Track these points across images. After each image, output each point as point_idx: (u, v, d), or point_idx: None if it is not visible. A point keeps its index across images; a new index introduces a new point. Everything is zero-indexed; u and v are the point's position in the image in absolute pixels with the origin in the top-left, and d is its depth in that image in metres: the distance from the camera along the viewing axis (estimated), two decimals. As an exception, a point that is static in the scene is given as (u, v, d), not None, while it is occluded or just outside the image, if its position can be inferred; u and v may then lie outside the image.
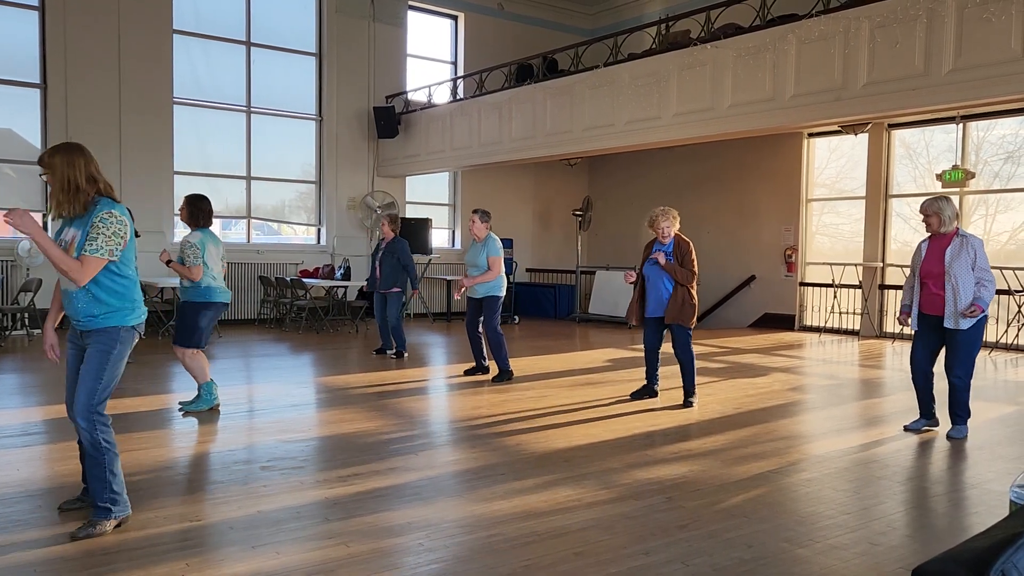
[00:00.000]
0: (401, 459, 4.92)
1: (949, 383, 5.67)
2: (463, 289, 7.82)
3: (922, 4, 7.43)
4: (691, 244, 6.84)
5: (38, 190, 11.61)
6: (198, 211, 6.10)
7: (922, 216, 5.71)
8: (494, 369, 7.95)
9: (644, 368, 7.11)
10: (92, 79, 11.63)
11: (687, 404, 6.68)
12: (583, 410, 6.49)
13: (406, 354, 9.40)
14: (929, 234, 5.74)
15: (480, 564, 3.33)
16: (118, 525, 3.62)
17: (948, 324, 5.50)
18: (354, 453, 5.02)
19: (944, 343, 5.66)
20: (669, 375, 7.25)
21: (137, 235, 3.79)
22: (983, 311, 5.47)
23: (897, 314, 6.05)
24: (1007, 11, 6.91)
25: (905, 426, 5.94)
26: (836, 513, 4.05)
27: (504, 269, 7.88)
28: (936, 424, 5.90)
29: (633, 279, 6.84)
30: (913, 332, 5.88)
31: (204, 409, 6.16)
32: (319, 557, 3.36)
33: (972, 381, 5.73)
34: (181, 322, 6.16)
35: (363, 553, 3.41)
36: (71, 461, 4.65)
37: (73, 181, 3.48)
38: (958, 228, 5.67)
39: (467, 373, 8.13)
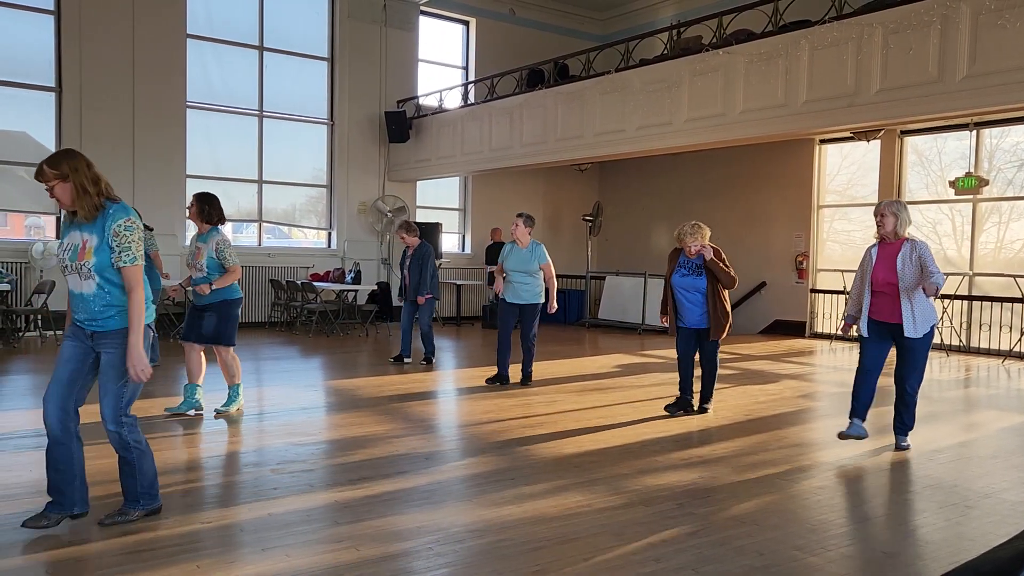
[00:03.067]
0: (410, 463, 4.92)
1: (901, 392, 5.52)
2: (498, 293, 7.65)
3: (936, 10, 7.40)
4: (720, 250, 6.53)
5: (52, 193, 11.69)
6: (213, 209, 6.04)
7: (876, 217, 5.49)
8: (515, 375, 7.86)
9: (656, 374, 7.08)
10: (106, 83, 11.71)
11: (703, 410, 6.63)
12: (593, 415, 6.47)
13: (434, 360, 9.22)
14: (877, 240, 5.55)
15: (490, 569, 3.32)
16: (147, 514, 3.73)
17: (908, 333, 5.37)
18: (364, 457, 5.02)
19: (894, 350, 5.54)
20: (661, 381, 7.21)
21: (149, 228, 3.85)
22: (938, 289, 5.28)
23: (840, 325, 5.84)
24: (1022, 17, 6.87)
25: (842, 433, 5.56)
26: (848, 521, 4.02)
27: None
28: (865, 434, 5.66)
29: None
30: (861, 339, 5.65)
31: (235, 408, 6.20)
32: (329, 560, 3.36)
33: (986, 389, 5.67)
34: (224, 323, 6.04)
35: (373, 557, 3.41)
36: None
37: (82, 186, 3.54)
38: (907, 235, 5.50)
39: (490, 382, 7.83)
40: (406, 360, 9.18)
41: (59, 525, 3.63)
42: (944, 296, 11.22)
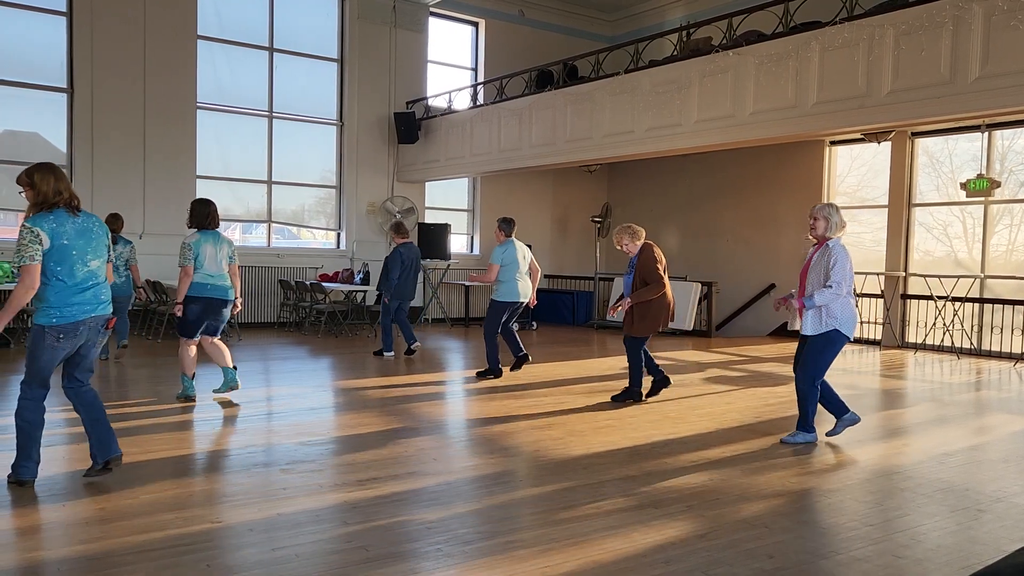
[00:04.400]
0: (419, 464, 4.92)
1: (796, 384, 5.68)
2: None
3: (948, 12, 7.36)
4: (652, 251, 7.07)
5: (63, 193, 11.74)
6: (196, 215, 6.63)
7: (809, 220, 5.62)
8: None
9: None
10: (118, 84, 11.77)
11: (636, 400, 7.08)
12: (601, 417, 6.46)
13: (386, 355, 9.72)
14: (816, 242, 5.65)
15: (498, 571, 3.32)
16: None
17: (803, 329, 5.54)
18: (373, 457, 5.03)
19: None
20: (678, 384, 7.19)
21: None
22: (804, 308, 5.43)
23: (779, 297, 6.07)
24: (1035, 18, 6.82)
25: (827, 432, 5.72)
26: (858, 524, 4.00)
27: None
28: (856, 418, 5.77)
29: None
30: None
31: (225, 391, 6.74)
32: (338, 561, 3.36)
33: (997, 393, 5.63)
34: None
35: (381, 557, 3.41)
36: (91, 461, 4.68)
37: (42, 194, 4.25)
38: (831, 238, 5.54)
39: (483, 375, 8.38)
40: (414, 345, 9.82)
41: (67, 524, 3.67)
42: (955, 299, 11.16)
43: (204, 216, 6.55)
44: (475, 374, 8.44)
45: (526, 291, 8.23)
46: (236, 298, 6.66)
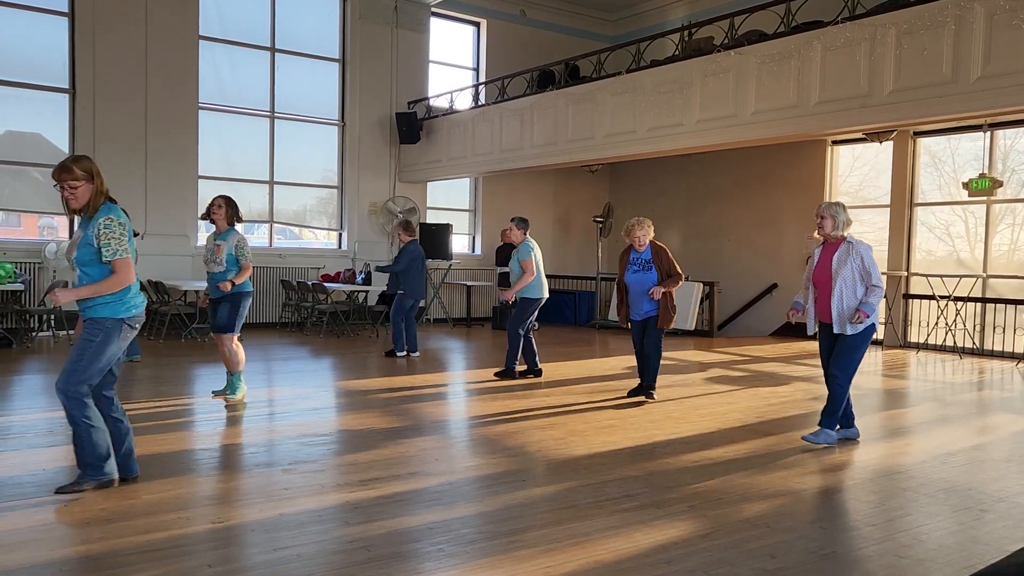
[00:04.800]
0: (421, 464, 4.93)
1: (827, 383, 5.65)
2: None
3: (950, 11, 7.35)
4: (667, 249, 7.24)
5: (65, 193, 11.75)
6: (234, 211, 6.60)
7: (816, 219, 5.71)
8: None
9: (665, 376, 7.26)
10: (119, 84, 11.78)
11: (649, 396, 7.09)
12: (603, 417, 6.46)
13: (399, 356, 9.69)
14: (823, 241, 5.76)
15: (500, 571, 3.32)
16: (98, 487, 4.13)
17: (836, 330, 5.54)
18: (375, 457, 5.03)
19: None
20: (671, 383, 7.19)
21: (137, 235, 4.27)
22: (868, 316, 5.46)
23: (792, 315, 5.98)
24: (1037, 18, 6.81)
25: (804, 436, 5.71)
26: (861, 524, 4.00)
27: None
28: (856, 433, 5.79)
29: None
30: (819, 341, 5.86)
31: (240, 396, 6.64)
32: (340, 561, 3.36)
33: (999, 393, 5.63)
34: (234, 313, 6.53)
35: (383, 557, 3.41)
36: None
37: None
38: (846, 236, 5.67)
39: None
40: (413, 355, 9.78)
41: (69, 525, 3.69)
42: (957, 298, 11.15)
43: (240, 213, 6.77)
44: (494, 374, 8.33)
45: (547, 287, 8.47)
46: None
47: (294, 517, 3.89)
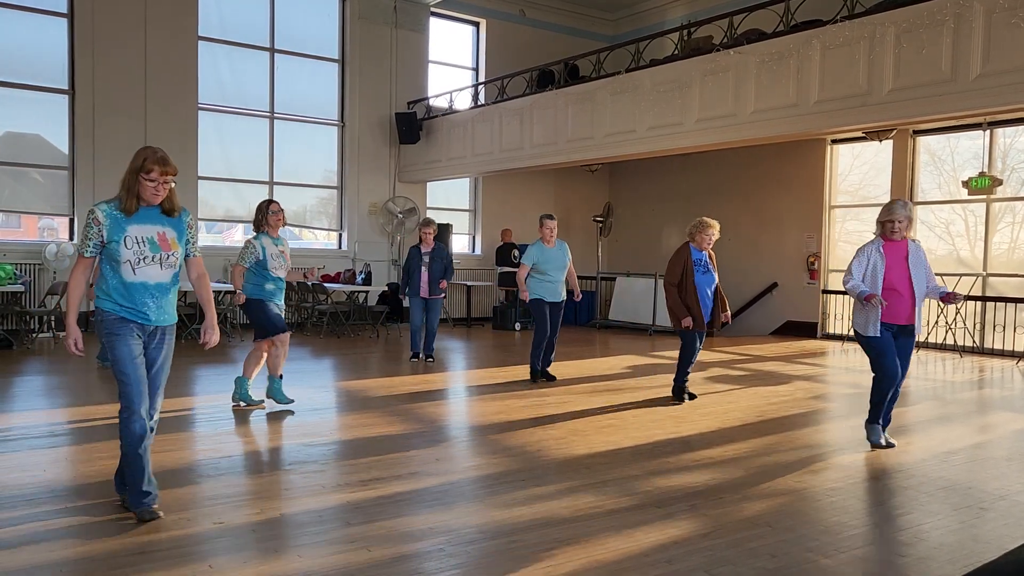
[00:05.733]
0: (422, 464, 4.93)
1: (897, 387, 5.50)
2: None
3: (949, 9, 7.36)
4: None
5: (65, 195, 11.78)
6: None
7: (895, 222, 5.34)
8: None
9: (666, 375, 7.16)
10: (119, 85, 11.78)
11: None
12: (603, 416, 6.46)
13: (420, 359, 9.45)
14: (883, 240, 5.42)
15: (501, 570, 3.32)
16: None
17: (918, 330, 5.46)
18: (375, 457, 5.03)
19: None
20: (671, 382, 7.19)
21: None
22: (955, 304, 5.42)
23: (876, 302, 5.26)
24: (1036, 16, 6.82)
25: (875, 443, 5.52)
26: (861, 523, 4.00)
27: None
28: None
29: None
30: (881, 343, 5.39)
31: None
32: (340, 561, 3.36)
33: (1000, 391, 5.65)
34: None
35: (384, 557, 3.41)
36: (96, 462, 4.71)
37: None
38: (908, 236, 5.53)
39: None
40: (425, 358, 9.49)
41: (69, 525, 3.67)
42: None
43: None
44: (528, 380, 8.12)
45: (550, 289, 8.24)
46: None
47: (295, 517, 3.89)
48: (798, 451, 5.45)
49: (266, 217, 6.58)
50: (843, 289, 13.23)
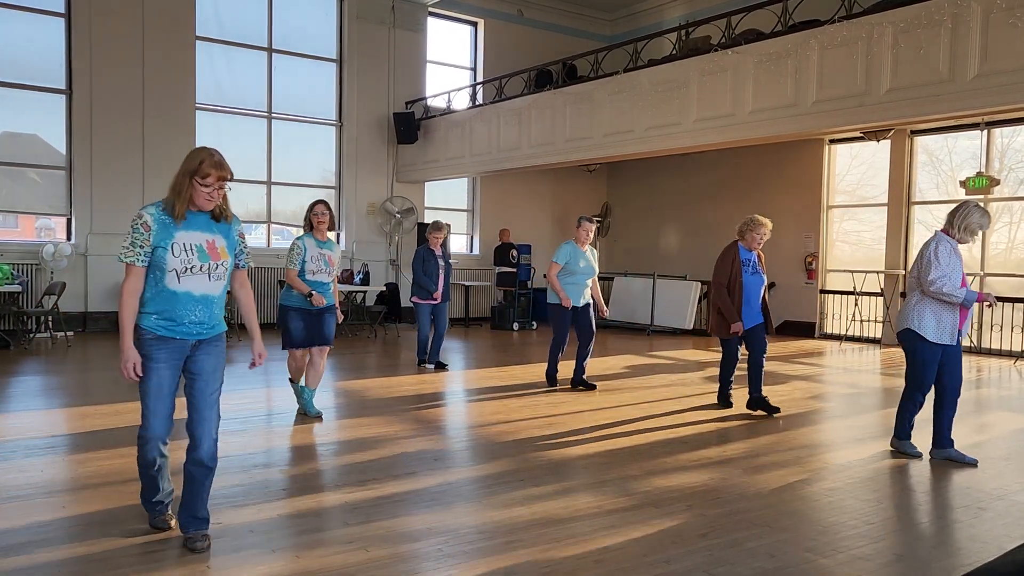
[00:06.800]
0: (420, 464, 4.92)
1: (955, 398, 5.28)
2: None
3: (947, 9, 7.36)
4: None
5: (62, 195, 11.76)
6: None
7: (980, 231, 5.10)
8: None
9: (664, 375, 7.12)
10: (116, 85, 11.76)
11: (775, 409, 6.63)
12: (601, 417, 6.46)
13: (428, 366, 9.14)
14: (956, 242, 5.16)
15: (499, 570, 3.32)
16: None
17: (964, 336, 5.27)
18: (373, 458, 5.03)
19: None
20: (670, 382, 7.18)
21: None
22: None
23: (984, 301, 5.16)
24: (1033, 16, 6.82)
25: (933, 453, 5.33)
26: (859, 523, 4.00)
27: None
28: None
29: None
30: (939, 352, 5.25)
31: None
32: (338, 561, 3.36)
33: (997, 391, 5.64)
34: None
35: (382, 558, 3.41)
36: (93, 463, 4.70)
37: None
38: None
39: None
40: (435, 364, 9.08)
41: (69, 525, 3.67)
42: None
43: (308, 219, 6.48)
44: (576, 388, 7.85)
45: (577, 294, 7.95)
46: None
47: (292, 518, 3.89)
48: (796, 451, 5.45)
49: (309, 217, 6.35)
50: (841, 289, 13.17)
